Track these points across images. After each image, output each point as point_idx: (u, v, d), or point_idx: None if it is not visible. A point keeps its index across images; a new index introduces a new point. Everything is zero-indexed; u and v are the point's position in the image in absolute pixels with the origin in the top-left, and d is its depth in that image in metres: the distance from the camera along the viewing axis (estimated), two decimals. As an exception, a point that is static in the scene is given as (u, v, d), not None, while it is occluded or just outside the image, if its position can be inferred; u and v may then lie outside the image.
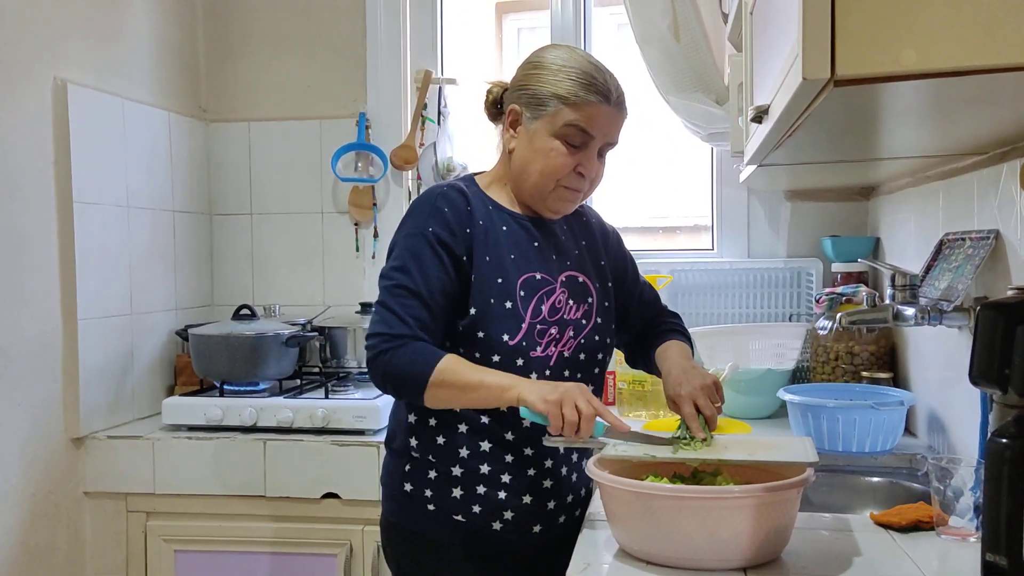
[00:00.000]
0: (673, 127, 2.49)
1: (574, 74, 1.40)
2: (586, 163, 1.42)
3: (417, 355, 1.35)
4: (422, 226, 1.41)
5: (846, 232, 2.46)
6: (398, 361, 1.35)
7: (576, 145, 1.41)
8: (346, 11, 2.65)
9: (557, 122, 1.40)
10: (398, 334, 1.36)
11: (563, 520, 1.49)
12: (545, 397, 1.28)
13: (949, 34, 0.87)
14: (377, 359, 1.37)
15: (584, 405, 1.27)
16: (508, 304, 1.40)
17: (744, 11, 1.65)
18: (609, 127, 1.42)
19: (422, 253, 1.39)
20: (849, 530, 1.31)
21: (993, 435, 0.90)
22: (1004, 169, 1.41)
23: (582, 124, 1.39)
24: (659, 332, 1.61)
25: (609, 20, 3.01)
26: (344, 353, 2.39)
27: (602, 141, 1.43)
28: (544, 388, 1.30)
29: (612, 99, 1.41)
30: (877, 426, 1.74)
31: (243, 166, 2.71)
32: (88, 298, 2.16)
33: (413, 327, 1.37)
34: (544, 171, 1.42)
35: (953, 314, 1.50)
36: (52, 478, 2.08)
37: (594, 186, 1.48)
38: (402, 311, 1.37)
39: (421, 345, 1.36)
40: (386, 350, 1.36)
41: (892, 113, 1.14)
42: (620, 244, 1.65)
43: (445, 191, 1.44)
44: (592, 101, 1.39)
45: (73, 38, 2.16)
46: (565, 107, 1.40)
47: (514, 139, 1.46)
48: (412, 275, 1.38)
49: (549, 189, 1.44)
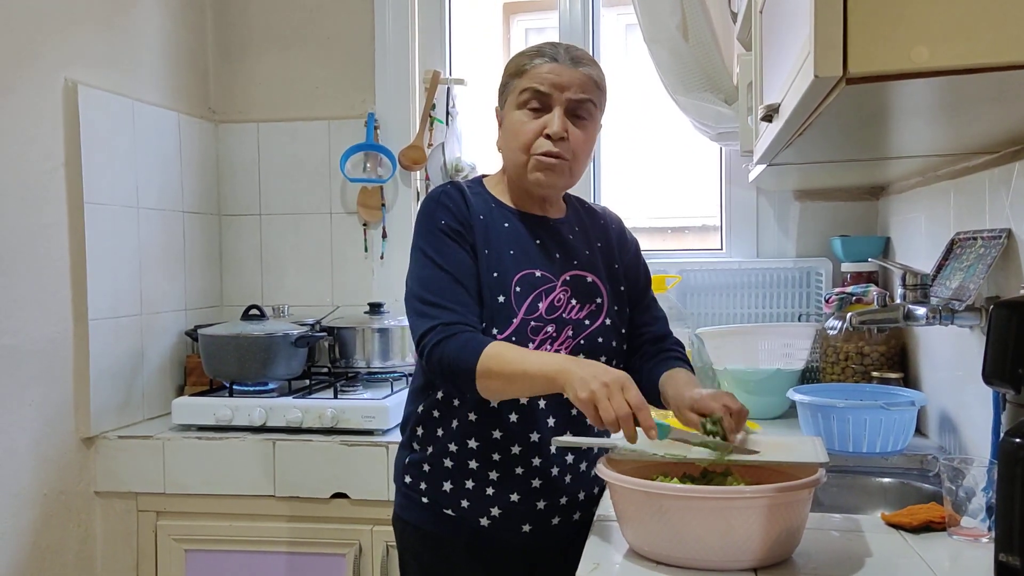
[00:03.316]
0: (682, 127, 2.49)
1: (524, 52, 1.46)
2: (551, 123, 1.41)
3: (463, 346, 1.32)
4: (434, 221, 1.43)
5: (856, 232, 2.46)
6: (448, 355, 1.32)
7: (538, 109, 1.42)
8: (354, 12, 2.66)
9: (515, 97, 1.44)
10: (449, 322, 1.34)
11: (557, 522, 1.47)
12: (592, 389, 1.18)
13: (962, 31, 0.86)
14: (432, 353, 1.34)
15: (627, 400, 1.18)
16: (501, 298, 1.41)
17: (753, 10, 1.65)
18: (564, 83, 1.41)
19: (441, 244, 1.41)
20: (860, 531, 1.30)
21: (1007, 435, 0.89)
22: (1016, 168, 1.40)
23: (533, 85, 1.42)
24: (667, 358, 1.54)
25: (617, 20, 3.01)
26: (353, 353, 2.40)
27: (562, 98, 1.41)
28: (588, 377, 1.20)
29: (561, 57, 1.42)
30: (888, 426, 1.73)
31: (252, 167, 2.72)
32: (98, 298, 2.16)
33: (461, 312, 1.36)
34: (514, 144, 1.44)
35: (965, 313, 1.49)
36: (63, 478, 2.09)
37: (579, 156, 1.44)
38: (444, 300, 1.37)
39: (468, 336, 1.33)
40: (440, 340, 1.33)
41: (904, 111, 1.13)
42: (638, 255, 1.61)
43: (445, 188, 1.48)
44: (538, 63, 1.42)
45: (83, 39, 2.17)
46: (518, 79, 1.44)
47: (501, 136, 1.51)
48: (441, 264, 1.39)
49: (524, 161, 1.44)
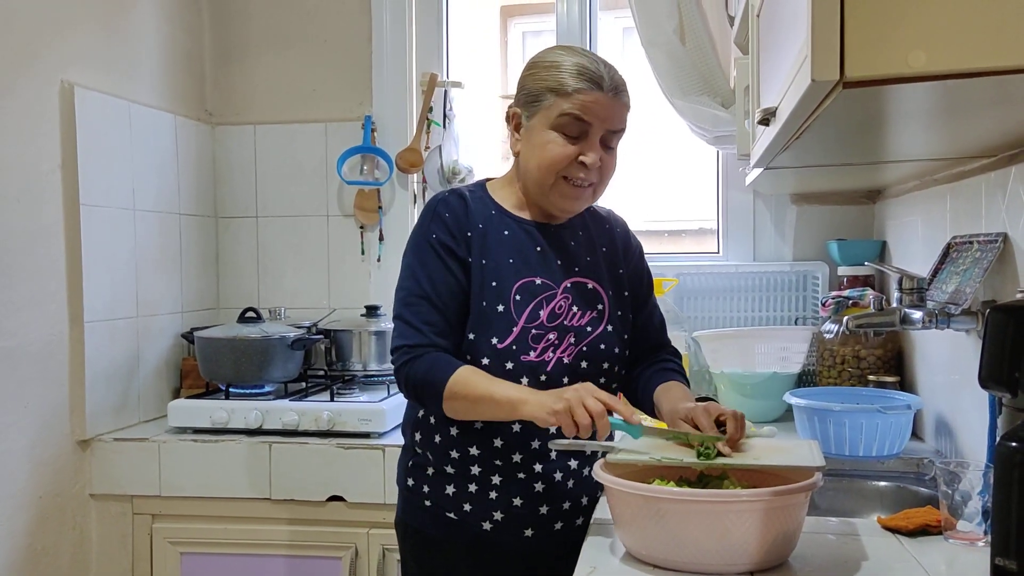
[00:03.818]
0: (679, 130, 2.49)
1: (565, 66, 1.40)
2: (588, 152, 1.40)
3: (432, 367, 1.37)
4: (426, 233, 1.44)
5: (852, 235, 2.46)
6: (416, 374, 1.38)
7: (575, 136, 1.40)
8: (352, 14, 2.66)
9: (552, 114, 1.40)
10: (414, 344, 1.39)
11: (560, 526, 1.47)
12: (552, 408, 1.26)
13: (958, 35, 0.86)
14: (399, 373, 1.40)
15: (593, 403, 1.23)
16: (500, 307, 1.40)
17: (751, 13, 1.65)
18: (606, 114, 1.40)
19: (427, 259, 1.43)
20: (856, 534, 1.30)
21: (1003, 439, 0.89)
22: (1013, 172, 1.40)
23: (576, 112, 1.38)
24: (663, 369, 1.55)
25: (615, 24, 3.01)
26: (349, 356, 2.39)
27: (601, 129, 1.40)
28: (547, 400, 1.27)
29: (605, 85, 1.39)
30: (884, 430, 1.73)
31: (249, 169, 2.71)
32: (94, 301, 2.16)
33: (428, 333, 1.39)
34: (542, 164, 1.41)
35: (961, 317, 1.49)
36: (58, 480, 2.08)
37: (604, 179, 1.45)
38: (415, 319, 1.40)
39: (436, 356, 1.38)
40: (406, 362, 1.38)
41: (901, 115, 1.13)
42: (641, 259, 1.61)
43: (445, 196, 1.47)
44: (584, 88, 1.38)
45: (80, 41, 2.16)
46: (558, 98, 1.39)
47: (518, 141, 1.47)
48: (420, 282, 1.41)
49: (550, 183, 1.42)
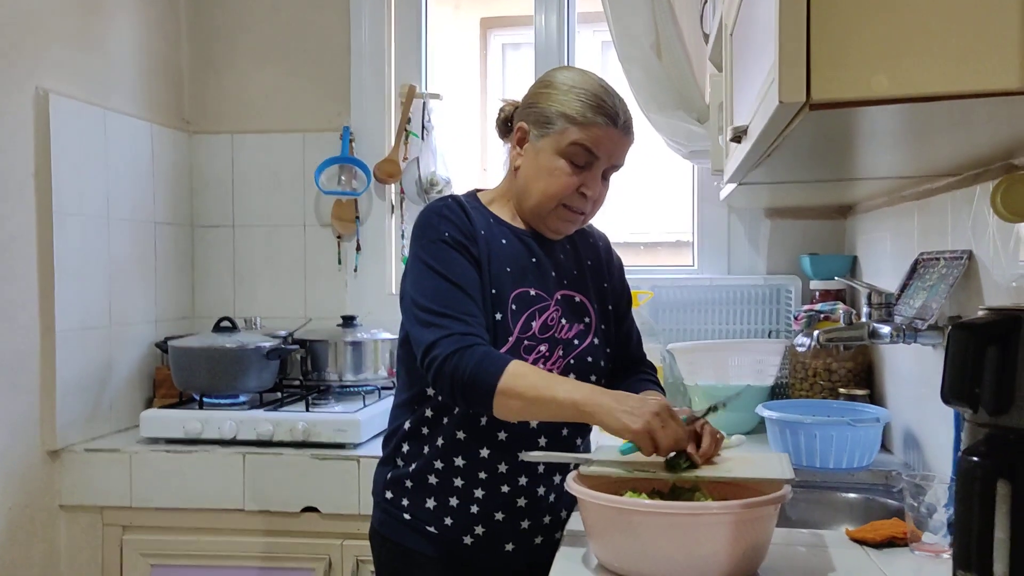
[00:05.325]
0: (655, 144, 2.52)
1: (583, 95, 1.40)
2: (590, 183, 1.42)
3: (484, 359, 1.28)
4: (437, 233, 1.39)
5: (824, 250, 2.49)
6: (466, 366, 1.28)
7: (581, 165, 1.41)
8: (331, 25, 2.66)
9: (563, 141, 1.40)
10: (464, 332, 1.31)
11: (540, 541, 1.48)
12: (631, 428, 1.22)
13: (921, 60, 0.89)
14: (445, 363, 1.29)
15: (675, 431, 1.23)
16: (498, 316, 1.40)
17: (724, 33, 1.67)
18: (614, 150, 1.42)
19: (446, 255, 1.38)
20: (825, 546, 1.32)
21: (963, 453, 0.91)
22: (977, 191, 1.43)
23: (588, 144, 1.39)
24: (641, 379, 1.56)
25: (593, 38, 3.04)
26: (325, 366, 2.39)
27: (607, 163, 1.43)
28: (622, 414, 1.23)
29: (619, 122, 1.41)
30: (854, 443, 1.76)
31: (226, 178, 2.71)
32: (66, 309, 2.14)
33: (473, 324, 1.33)
34: (547, 190, 1.42)
35: (927, 332, 1.52)
36: (28, 491, 2.06)
37: (596, 208, 1.48)
38: (453, 309, 1.33)
39: (487, 349, 1.31)
40: (455, 351, 1.29)
41: (867, 136, 1.16)
42: (622, 274, 1.63)
43: (446, 202, 1.45)
44: (599, 123, 1.39)
45: (56, 48, 2.15)
46: (572, 126, 1.39)
47: (520, 157, 1.46)
48: (446, 275, 1.36)
49: (550, 208, 1.43)
